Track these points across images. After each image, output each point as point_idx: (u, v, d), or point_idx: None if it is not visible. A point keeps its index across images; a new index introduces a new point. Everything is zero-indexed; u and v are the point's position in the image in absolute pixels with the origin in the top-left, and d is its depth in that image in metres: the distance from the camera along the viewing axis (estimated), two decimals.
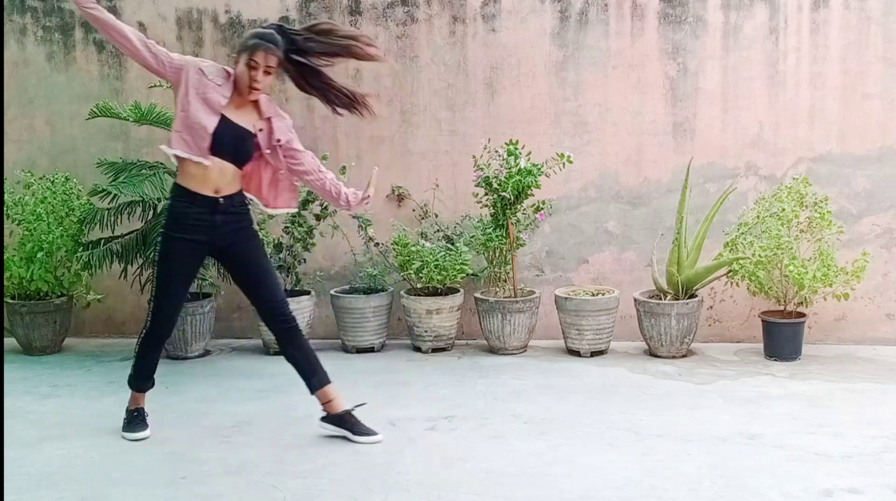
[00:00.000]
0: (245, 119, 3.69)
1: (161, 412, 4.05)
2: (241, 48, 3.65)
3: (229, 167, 3.67)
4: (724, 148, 5.46)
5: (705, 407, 4.18)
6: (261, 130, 3.71)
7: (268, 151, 3.74)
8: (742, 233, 5.07)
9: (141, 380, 3.93)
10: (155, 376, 3.98)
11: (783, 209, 4.97)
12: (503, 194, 5.10)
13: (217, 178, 3.64)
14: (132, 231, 5.20)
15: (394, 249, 5.31)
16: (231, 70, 3.69)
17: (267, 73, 3.61)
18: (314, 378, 3.82)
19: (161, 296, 3.75)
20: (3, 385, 3.69)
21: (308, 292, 5.45)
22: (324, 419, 3.83)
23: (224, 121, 3.62)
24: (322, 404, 3.83)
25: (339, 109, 3.92)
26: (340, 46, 3.78)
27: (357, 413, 3.82)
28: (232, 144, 3.64)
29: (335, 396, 3.83)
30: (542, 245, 5.65)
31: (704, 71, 5.43)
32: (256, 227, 3.88)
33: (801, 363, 4.97)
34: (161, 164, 5.37)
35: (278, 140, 3.72)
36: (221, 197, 3.66)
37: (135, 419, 3.92)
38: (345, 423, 3.78)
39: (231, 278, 4.01)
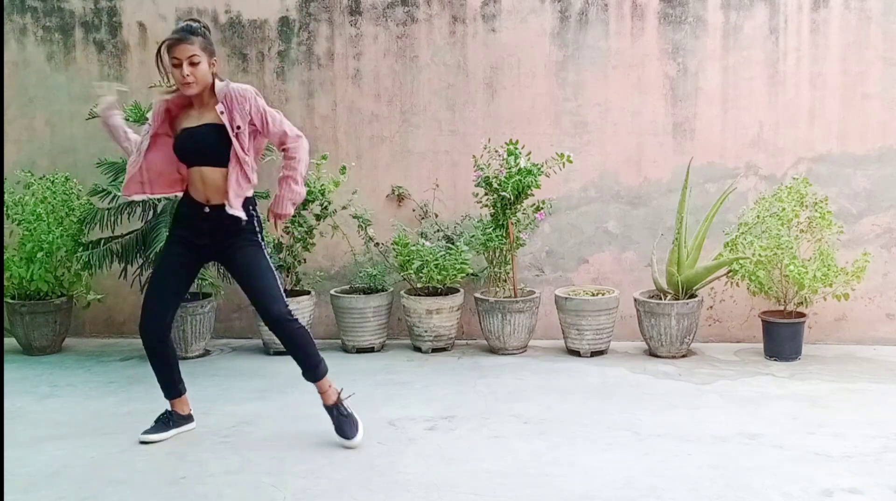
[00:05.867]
0: (206, 116, 3.61)
1: (161, 412, 4.04)
2: (166, 52, 3.58)
3: (209, 172, 3.59)
4: (724, 148, 5.46)
5: (705, 407, 4.18)
6: (222, 112, 3.56)
7: (234, 135, 3.56)
8: (742, 233, 5.07)
9: (162, 388, 3.92)
10: (180, 383, 3.92)
11: (783, 209, 4.97)
12: (503, 193, 5.10)
13: (201, 186, 3.62)
14: (132, 231, 5.21)
15: (394, 249, 5.31)
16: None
17: (192, 64, 3.50)
18: (305, 373, 3.79)
19: (149, 291, 3.78)
20: (3, 385, 3.68)
21: (308, 292, 5.45)
22: (324, 405, 3.86)
23: (182, 132, 3.61)
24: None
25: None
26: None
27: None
28: (194, 148, 3.60)
29: (328, 388, 3.80)
30: (542, 245, 5.65)
31: (704, 71, 5.44)
32: (259, 237, 3.72)
33: (801, 363, 4.97)
34: None
35: (238, 127, 3.56)
36: (209, 206, 3.63)
37: (157, 422, 3.89)
38: (331, 416, 3.78)
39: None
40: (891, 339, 5.39)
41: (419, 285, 5.37)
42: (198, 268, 3.88)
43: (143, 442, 3.78)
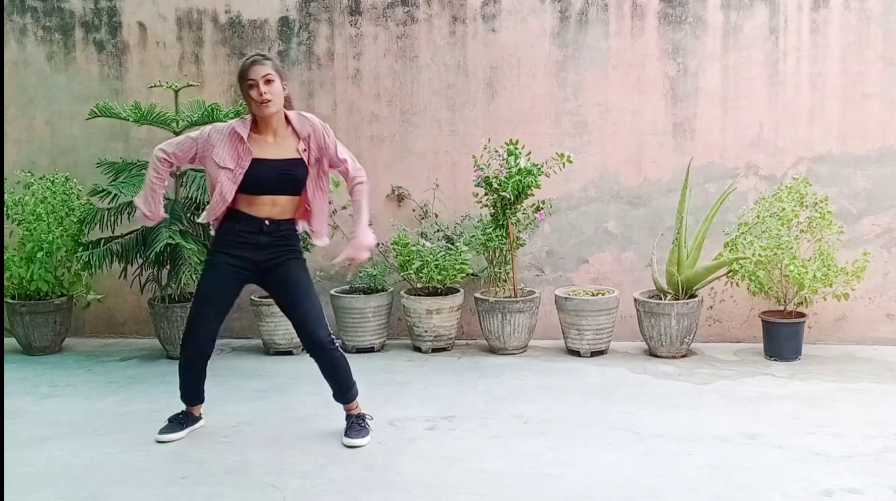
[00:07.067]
0: (286, 149, 3.66)
1: (161, 412, 4.04)
2: (239, 81, 3.63)
3: (282, 199, 3.66)
4: (724, 148, 5.46)
5: (705, 407, 4.18)
6: (304, 150, 3.67)
7: (314, 168, 3.70)
8: (742, 233, 5.07)
9: (184, 396, 3.91)
10: (203, 392, 3.93)
11: (783, 209, 4.97)
12: (503, 194, 5.10)
13: (269, 209, 3.66)
14: (132, 231, 5.20)
15: (394, 249, 5.31)
16: (245, 118, 3.69)
17: (268, 82, 3.56)
18: (336, 396, 3.85)
19: (193, 312, 3.76)
20: (3, 385, 3.68)
21: None
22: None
23: (256, 163, 3.61)
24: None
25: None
26: None
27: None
28: (276, 179, 3.63)
29: (354, 409, 3.87)
30: (542, 245, 5.65)
31: (704, 71, 5.44)
32: (304, 257, 3.82)
33: (801, 363, 4.97)
34: None
35: (317, 159, 3.70)
36: (268, 220, 3.66)
37: (172, 421, 3.89)
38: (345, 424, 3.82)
39: (274, 301, 3.97)
40: (891, 339, 5.39)
41: (419, 285, 5.37)
42: (241, 289, 3.86)
43: (160, 442, 3.79)
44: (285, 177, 3.64)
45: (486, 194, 5.22)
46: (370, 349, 5.36)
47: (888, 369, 4.85)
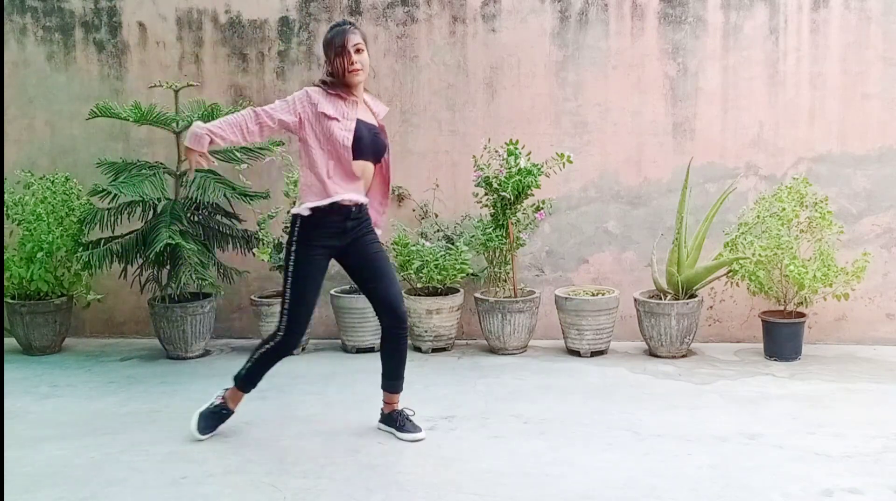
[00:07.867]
0: (369, 116, 3.75)
1: (161, 412, 4.05)
2: (325, 49, 3.66)
3: (370, 167, 3.73)
4: (724, 148, 5.46)
5: (705, 407, 4.18)
6: (379, 124, 3.80)
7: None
8: (742, 233, 5.07)
9: (249, 383, 3.87)
10: None
11: (783, 209, 4.97)
12: (503, 194, 5.10)
13: (357, 182, 3.67)
14: (132, 231, 5.21)
15: (394, 249, 5.31)
16: (324, 89, 3.66)
17: (358, 51, 3.63)
18: (390, 382, 3.88)
19: (297, 307, 3.69)
20: (3, 385, 3.68)
21: None
22: (380, 420, 3.93)
23: (359, 123, 3.66)
24: (383, 402, 3.92)
25: None
26: None
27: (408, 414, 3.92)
28: (372, 141, 3.69)
29: (397, 402, 3.91)
30: (542, 245, 5.65)
31: (704, 71, 5.44)
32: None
33: (801, 363, 4.97)
34: (161, 164, 5.37)
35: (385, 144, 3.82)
36: (354, 205, 3.68)
37: (215, 415, 3.86)
38: (393, 422, 3.86)
39: (349, 275, 3.92)
40: (891, 339, 5.39)
41: (419, 285, 5.37)
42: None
43: (196, 439, 3.80)
44: (377, 139, 3.71)
45: (486, 194, 5.22)
46: (370, 350, 5.35)
47: (888, 369, 4.85)
